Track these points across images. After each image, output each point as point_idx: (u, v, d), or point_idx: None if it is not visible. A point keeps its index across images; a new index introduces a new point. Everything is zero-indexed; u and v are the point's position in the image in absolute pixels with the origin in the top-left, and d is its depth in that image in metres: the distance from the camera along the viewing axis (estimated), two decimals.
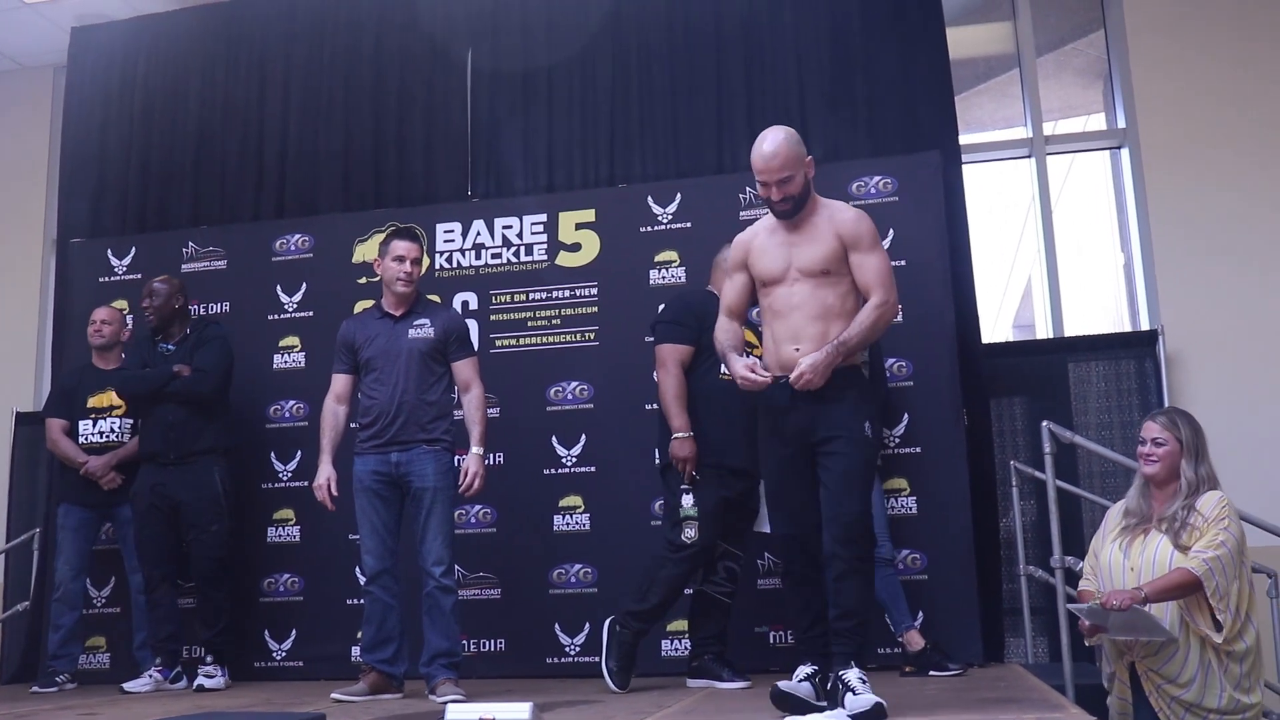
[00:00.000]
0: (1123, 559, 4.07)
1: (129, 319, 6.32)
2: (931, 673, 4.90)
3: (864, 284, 3.79)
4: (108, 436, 5.92)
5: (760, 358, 3.98)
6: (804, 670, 3.70)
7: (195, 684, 5.42)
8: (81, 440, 5.89)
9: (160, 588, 5.65)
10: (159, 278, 5.89)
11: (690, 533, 4.79)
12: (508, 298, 6.11)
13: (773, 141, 3.82)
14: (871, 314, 3.73)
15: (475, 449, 4.85)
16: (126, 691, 5.43)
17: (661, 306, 5.27)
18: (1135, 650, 4.02)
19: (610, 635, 4.81)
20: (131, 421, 5.92)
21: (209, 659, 5.52)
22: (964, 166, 6.17)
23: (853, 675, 3.43)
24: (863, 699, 3.33)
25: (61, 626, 5.79)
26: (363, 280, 6.16)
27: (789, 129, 3.91)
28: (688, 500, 4.81)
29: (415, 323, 4.94)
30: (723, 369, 4.84)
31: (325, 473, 4.89)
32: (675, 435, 4.83)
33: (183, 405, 5.61)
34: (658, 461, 5.11)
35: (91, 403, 5.94)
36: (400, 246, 4.96)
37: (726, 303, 4.05)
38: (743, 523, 4.95)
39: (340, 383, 5.03)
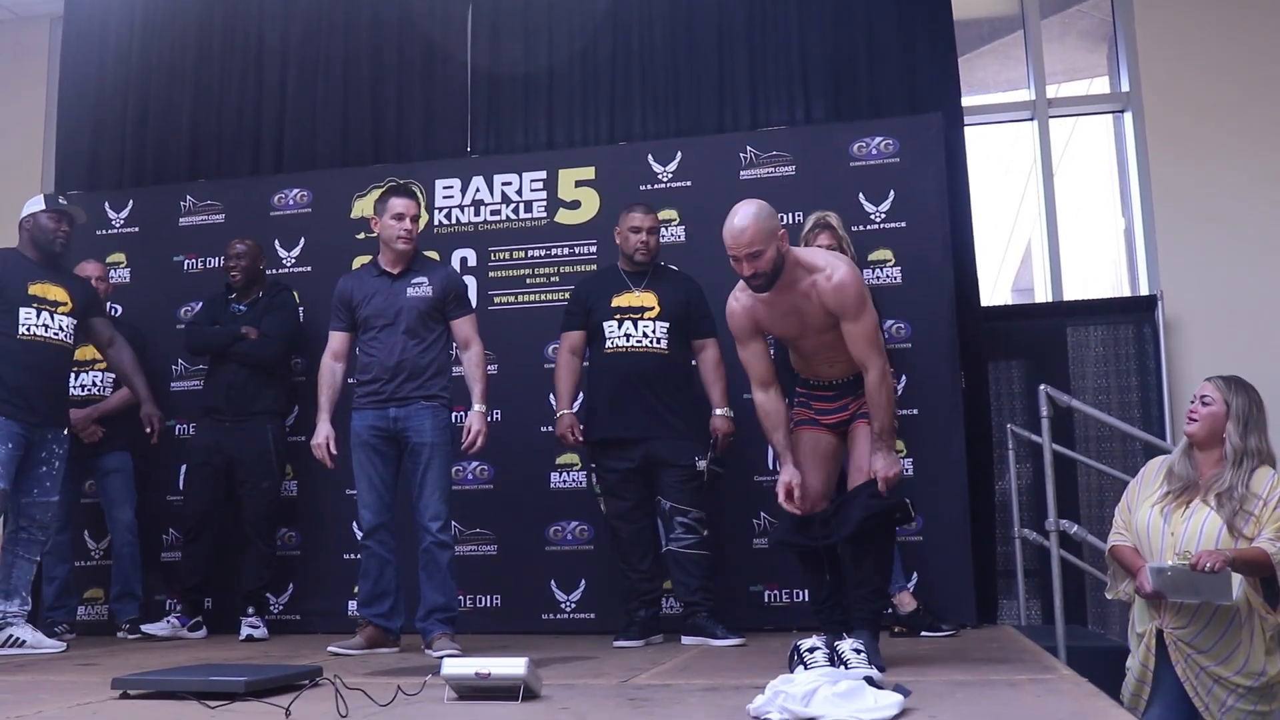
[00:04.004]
0: (1162, 524, 3.94)
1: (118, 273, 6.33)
2: (924, 634, 4.93)
3: (857, 357, 3.83)
4: (89, 390, 5.91)
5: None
6: None
7: (243, 635, 5.52)
8: None
9: (201, 538, 5.76)
10: (240, 239, 5.99)
11: (603, 507, 5.21)
12: (506, 255, 6.10)
13: (743, 216, 3.77)
14: (879, 389, 3.81)
15: (477, 406, 4.84)
16: (145, 633, 5.59)
17: None
18: (1164, 617, 3.92)
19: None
20: (114, 375, 5.92)
21: (251, 610, 5.62)
22: (966, 128, 6.13)
23: (847, 646, 3.35)
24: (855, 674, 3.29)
25: (55, 579, 5.80)
26: (361, 236, 6.14)
27: (761, 203, 3.85)
28: (594, 478, 5.19)
29: (413, 280, 4.91)
30: (608, 344, 5.12)
31: (324, 431, 4.89)
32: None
33: (244, 366, 5.73)
34: None
35: (74, 356, 5.90)
36: (399, 204, 4.92)
37: (757, 376, 4.02)
38: (677, 479, 5.01)
39: (338, 340, 5.02)
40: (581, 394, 5.38)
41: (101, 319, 5.54)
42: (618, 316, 5.13)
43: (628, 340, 5.10)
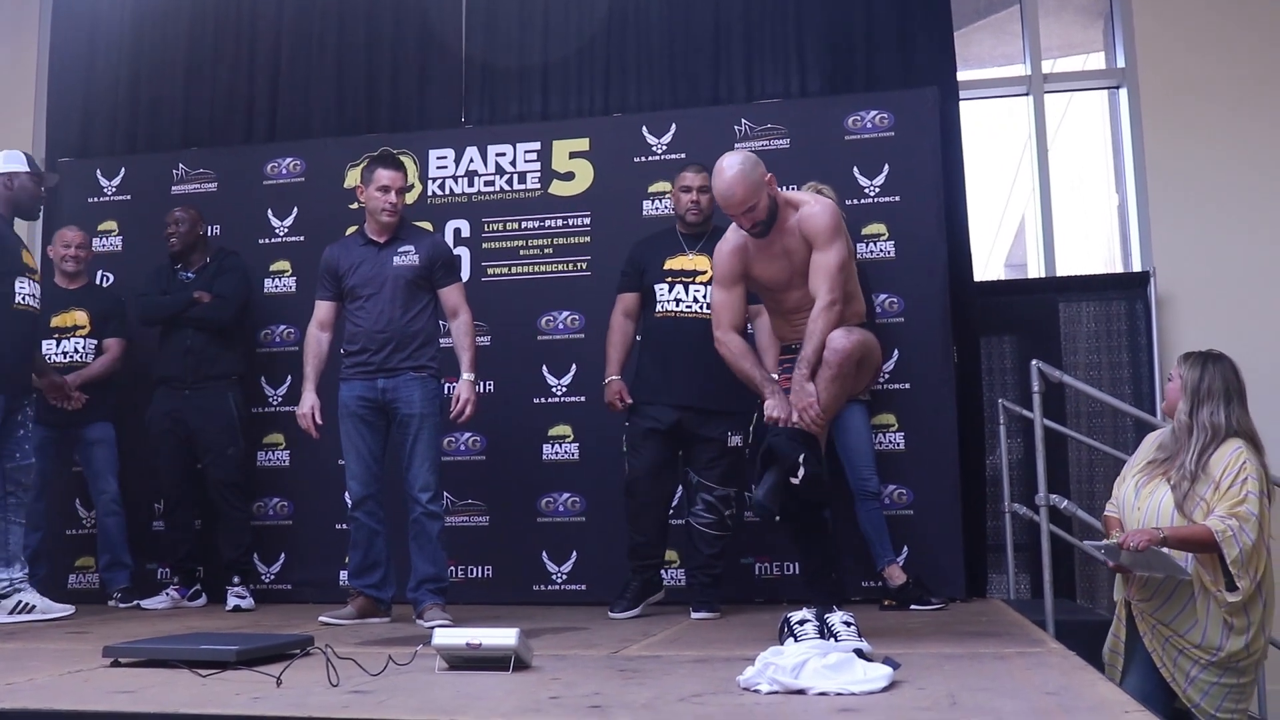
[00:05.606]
0: (1133, 498, 3.97)
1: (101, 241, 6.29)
2: (913, 607, 4.96)
3: (813, 287, 3.79)
4: (71, 357, 5.87)
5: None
6: None
7: (230, 606, 5.52)
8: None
9: (177, 510, 5.78)
10: (179, 207, 5.98)
11: (627, 466, 5.09)
12: (500, 226, 6.08)
13: (730, 176, 3.79)
14: (819, 316, 3.75)
15: (466, 375, 4.83)
16: (144, 609, 5.58)
17: None
18: (1131, 590, 3.96)
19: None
20: (95, 342, 5.91)
21: (236, 580, 5.63)
22: (961, 103, 6.12)
23: (836, 619, 3.36)
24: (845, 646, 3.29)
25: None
26: (354, 205, 6.05)
27: (744, 155, 3.89)
28: (625, 437, 5.11)
29: (400, 249, 4.89)
30: (658, 307, 5.03)
31: (309, 401, 4.87)
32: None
33: (201, 331, 5.71)
34: None
35: (55, 322, 5.85)
36: (385, 176, 4.88)
37: (732, 321, 4.00)
38: (707, 455, 4.97)
39: (324, 310, 4.99)
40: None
41: None
42: (669, 279, 5.04)
43: (677, 305, 5.03)
